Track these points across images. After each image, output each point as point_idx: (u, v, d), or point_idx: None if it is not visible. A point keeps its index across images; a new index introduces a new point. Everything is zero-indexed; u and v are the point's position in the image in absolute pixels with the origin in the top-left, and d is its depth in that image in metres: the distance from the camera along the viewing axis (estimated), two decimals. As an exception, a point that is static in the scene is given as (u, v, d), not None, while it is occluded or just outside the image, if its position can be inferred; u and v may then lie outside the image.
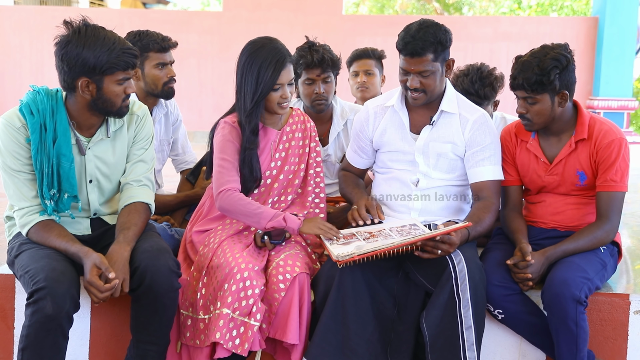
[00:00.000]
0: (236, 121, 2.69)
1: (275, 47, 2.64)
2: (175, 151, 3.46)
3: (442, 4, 18.23)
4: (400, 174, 2.82)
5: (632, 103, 9.47)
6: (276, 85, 2.62)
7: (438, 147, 2.76)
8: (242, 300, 2.44)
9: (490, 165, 2.74)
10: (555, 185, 2.73)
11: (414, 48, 2.60)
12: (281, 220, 2.56)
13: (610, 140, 2.60)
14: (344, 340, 2.49)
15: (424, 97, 2.71)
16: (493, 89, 3.18)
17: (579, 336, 2.43)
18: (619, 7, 9.41)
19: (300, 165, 2.83)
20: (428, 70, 2.64)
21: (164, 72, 3.12)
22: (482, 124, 2.75)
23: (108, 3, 15.43)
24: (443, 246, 2.45)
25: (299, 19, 9.81)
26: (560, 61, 2.54)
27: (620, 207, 2.63)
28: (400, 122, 2.82)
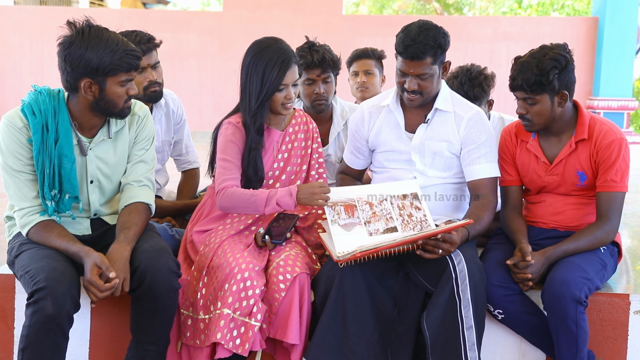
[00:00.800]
0: (240, 121, 2.70)
1: (280, 48, 2.65)
2: (179, 151, 3.45)
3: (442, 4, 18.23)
4: (397, 173, 2.82)
5: (632, 103, 9.47)
6: (281, 86, 2.62)
7: (434, 145, 2.77)
8: (243, 301, 2.44)
9: (486, 162, 2.74)
10: (556, 185, 2.73)
11: (415, 52, 2.61)
12: (276, 206, 2.56)
13: (610, 141, 2.60)
14: (344, 340, 2.49)
15: (420, 99, 2.72)
16: (483, 89, 3.18)
17: (579, 336, 2.43)
18: (619, 7, 9.41)
19: (302, 166, 2.83)
20: (426, 73, 2.66)
21: (143, 77, 3.05)
22: (477, 122, 2.77)
23: (108, 3, 15.44)
24: (444, 245, 2.45)
25: (299, 19, 9.81)
26: (559, 61, 2.54)
27: (620, 207, 2.63)
28: (395, 122, 2.84)
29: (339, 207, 2.58)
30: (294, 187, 2.57)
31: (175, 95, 3.38)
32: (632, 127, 13.08)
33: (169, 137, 3.34)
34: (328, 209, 2.57)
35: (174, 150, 3.44)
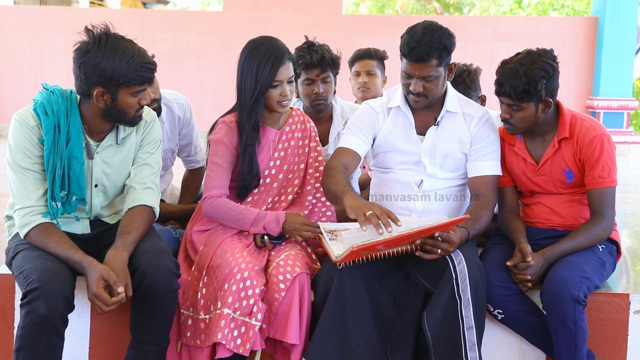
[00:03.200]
0: (234, 120, 2.70)
1: (273, 45, 2.65)
2: (188, 152, 3.44)
3: (442, 4, 18.23)
4: (403, 174, 2.80)
5: (632, 103, 9.47)
6: (275, 82, 2.63)
7: (445, 147, 2.76)
8: (243, 300, 2.44)
9: (491, 160, 2.74)
10: (545, 185, 2.74)
11: (420, 54, 2.58)
12: (262, 229, 2.62)
13: (592, 138, 2.62)
14: (343, 340, 2.49)
15: (425, 101, 2.71)
16: (467, 86, 3.19)
17: (578, 336, 2.43)
18: (619, 7, 9.40)
19: (300, 165, 2.83)
20: (432, 76, 2.63)
21: None
22: (487, 120, 2.78)
23: (108, 3, 15.43)
24: (442, 245, 2.44)
25: (299, 19, 9.81)
26: (547, 70, 2.55)
27: (612, 201, 2.64)
28: (406, 123, 2.80)
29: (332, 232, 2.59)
30: (282, 214, 2.63)
31: (182, 98, 3.33)
32: (632, 127, 13.07)
33: (173, 145, 3.33)
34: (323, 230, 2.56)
35: (183, 152, 3.43)
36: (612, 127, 9.29)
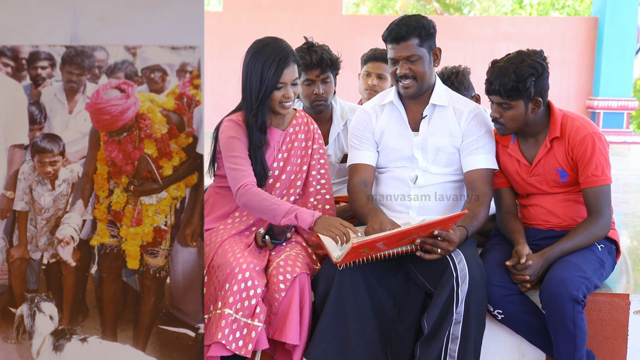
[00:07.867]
0: (241, 119, 2.70)
1: (279, 46, 2.66)
2: None
3: (442, 4, 18.23)
4: (399, 171, 2.83)
5: (632, 103, 9.47)
6: (279, 84, 2.63)
7: (436, 141, 2.79)
8: (245, 301, 2.44)
9: (484, 154, 2.76)
10: (540, 185, 2.75)
11: (398, 32, 2.70)
12: (293, 218, 2.56)
13: (583, 136, 2.63)
14: (344, 340, 2.50)
15: (415, 85, 2.74)
16: (457, 88, 3.20)
17: (577, 336, 2.44)
18: (619, 7, 9.40)
19: (303, 167, 2.83)
20: (415, 55, 2.70)
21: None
22: (477, 114, 2.81)
23: (108, 3, 15.41)
24: (442, 244, 2.45)
25: (299, 19, 9.81)
26: (536, 69, 2.58)
27: (608, 199, 2.65)
28: (399, 118, 2.85)
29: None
30: (319, 213, 2.59)
31: None
32: (632, 127, 13.07)
33: None
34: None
35: None
36: (612, 127, 9.30)
